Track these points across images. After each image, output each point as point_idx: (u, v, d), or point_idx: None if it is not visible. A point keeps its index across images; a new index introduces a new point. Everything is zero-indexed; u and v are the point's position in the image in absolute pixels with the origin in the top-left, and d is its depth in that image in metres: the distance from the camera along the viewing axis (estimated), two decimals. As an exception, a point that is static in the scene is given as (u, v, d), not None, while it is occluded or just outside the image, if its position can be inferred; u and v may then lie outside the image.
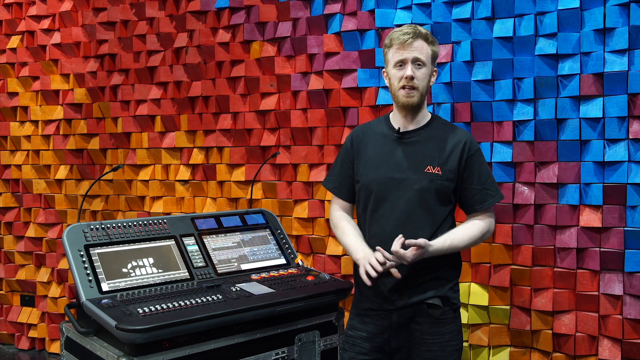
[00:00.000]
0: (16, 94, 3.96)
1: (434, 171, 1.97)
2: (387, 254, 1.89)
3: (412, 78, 1.94)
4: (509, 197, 2.77)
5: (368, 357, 2.03)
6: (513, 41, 2.73)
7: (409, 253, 1.86)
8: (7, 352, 4.03)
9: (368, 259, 1.91)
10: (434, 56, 2.01)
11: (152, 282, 2.34)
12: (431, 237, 1.94)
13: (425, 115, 2.06)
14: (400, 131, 2.02)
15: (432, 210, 1.97)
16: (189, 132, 3.57)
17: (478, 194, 2.02)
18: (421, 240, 1.85)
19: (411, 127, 2.03)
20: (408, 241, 1.85)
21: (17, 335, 4.08)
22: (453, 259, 2.03)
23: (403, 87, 1.96)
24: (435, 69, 2.04)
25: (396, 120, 2.06)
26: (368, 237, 2.04)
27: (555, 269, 2.70)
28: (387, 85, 2.05)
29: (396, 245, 1.86)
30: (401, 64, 1.96)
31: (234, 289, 2.32)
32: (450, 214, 2.04)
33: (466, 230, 2.00)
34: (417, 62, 1.95)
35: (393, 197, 1.98)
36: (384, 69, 2.06)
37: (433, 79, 2.03)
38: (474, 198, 2.02)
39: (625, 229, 2.53)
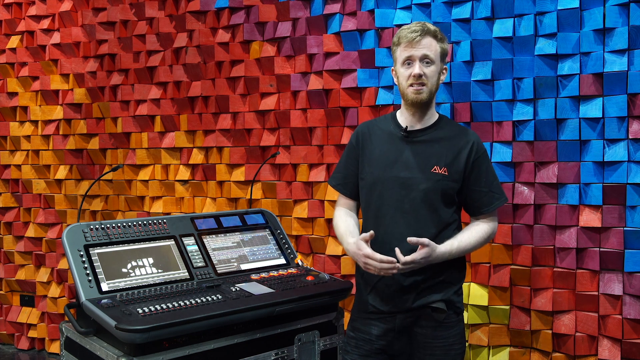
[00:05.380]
0: (16, 94, 3.96)
1: (440, 171, 1.95)
2: (395, 261, 1.85)
3: (420, 76, 1.92)
4: (509, 197, 2.77)
5: (370, 358, 2.02)
6: (513, 41, 2.73)
7: (417, 255, 1.84)
8: (6, 352, 4.03)
9: (361, 252, 1.89)
10: (444, 53, 1.99)
11: (151, 282, 2.34)
12: (436, 237, 1.94)
13: (433, 115, 2.05)
14: (408, 130, 2.01)
15: (437, 210, 1.96)
16: (189, 132, 3.57)
17: (485, 196, 2.01)
18: (424, 239, 1.85)
19: (419, 126, 2.02)
20: (410, 239, 1.84)
21: (17, 335, 4.08)
22: (458, 262, 2.02)
23: (412, 85, 1.94)
24: (445, 66, 2.03)
25: (403, 118, 2.05)
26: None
27: (555, 269, 2.70)
28: (396, 83, 2.03)
29: (400, 255, 1.85)
30: (409, 61, 1.95)
31: (233, 289, 2.32)
32: (456, 214, 2.03)
33: (472, 235, 2.00)
34: (425, 59, 1.93)
35: (398, 196, 1.97)
36: (392, 68, 2.05)
37: (443, 77, 2.02)
38: (480, 200, 2.01)
39: (625, 229, 2.53)
